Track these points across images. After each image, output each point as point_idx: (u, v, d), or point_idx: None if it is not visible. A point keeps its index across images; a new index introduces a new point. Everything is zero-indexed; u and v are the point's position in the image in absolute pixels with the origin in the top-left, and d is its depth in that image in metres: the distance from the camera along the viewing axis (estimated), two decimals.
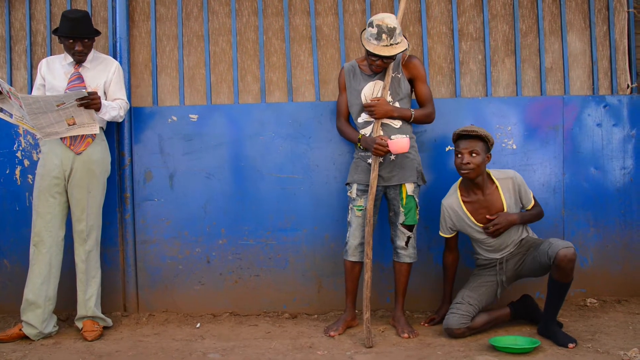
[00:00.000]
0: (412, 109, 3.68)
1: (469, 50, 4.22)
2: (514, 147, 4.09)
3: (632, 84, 4.21)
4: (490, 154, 3.60)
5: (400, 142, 3.51)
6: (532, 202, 3.64)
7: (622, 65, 4.22)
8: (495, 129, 4.08)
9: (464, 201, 3.61)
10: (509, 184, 3.59)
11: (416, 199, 3.70)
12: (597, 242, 4.15)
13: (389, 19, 3.48)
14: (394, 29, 3.47)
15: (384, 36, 3.46)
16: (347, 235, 3.75)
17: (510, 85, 4.21)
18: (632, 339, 3.43)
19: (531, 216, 3.63)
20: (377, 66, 3.59)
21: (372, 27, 3.48)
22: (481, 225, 3.58)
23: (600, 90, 4.22)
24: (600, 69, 4.23)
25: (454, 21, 4.18)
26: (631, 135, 4.16)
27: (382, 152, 3.54)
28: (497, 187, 3.59)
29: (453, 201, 3.65)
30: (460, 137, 3.58)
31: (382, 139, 3.53)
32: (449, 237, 3.74)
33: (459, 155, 3.53)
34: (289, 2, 4.20)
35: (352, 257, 3.72)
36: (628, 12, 4.22)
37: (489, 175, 3.62)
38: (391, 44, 3.49)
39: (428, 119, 3.75)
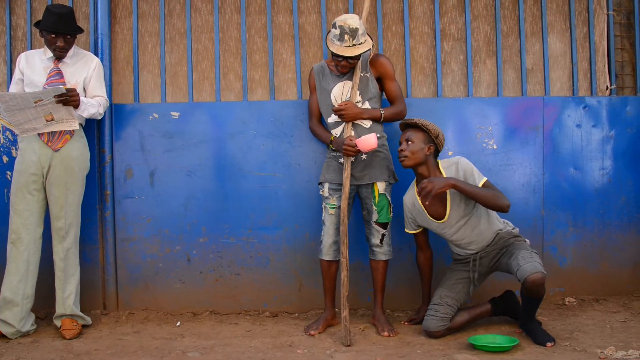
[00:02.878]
0: (381, 109, 3.71)
1: (450, 50, 4.24)
2: (495, 147, 4.11)
3: (611, 85, 4.25)
4: (433, 146, 3.58)
5: (367, 140, 3.53)
6: (483, 182, 3.49)
7: (602, 67, 4.27)
8: (476, 129, 4.10)
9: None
10: (452, 170, 3.55)
11: (388, 197, 3.74)
12: (575, 241, 4.19)
13: (351, 20, 3.51)
14: (356, 29, 3.50)
15: (346, 37, 3.50)
16: (322, 234, 3.77)
17: (491, 85, 4.24)
18: (609, 337, 3.46)
19: (478, 192, 3.39)
20: (342, 67, 3.63)
21: (335, 28, 3.52)
22: (433, 220, 3.59)
23: (580, 92, 4.25)
24: (580, 71, 4.27)
25: (436, 21, 4.19)
26: (610, 136, 4.20)
27: (352, 152, 3.57)
28: (442, 175, 3.56)
29: (411, 195, 3.67)
30: (403, 127, 3.67)
31: (350, 140, 3.56)
32: (415, 234, 3.76)
33: (399, 144, 3.60)
34: (272, 0, 4.20)
35: (327, 256, 3.74)
36: (607, 15, 4.26)
37: (438, 166, 3.60)
38: (354, 45, 3.52)
39: (398, 117, 3.76)
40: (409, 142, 3.55)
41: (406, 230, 3.80)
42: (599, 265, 4.21)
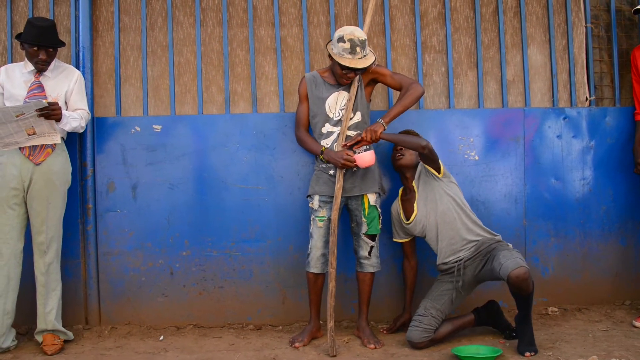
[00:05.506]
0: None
1: (432, 62, 4.27)
2: (476, 158, 4.14)
3: (590, 96, 4.30)
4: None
5: (366, 156, 3.57)
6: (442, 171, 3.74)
7: (581, 78, 4.31)
8: (458, 141, 4.13)
9: (402, 199, 3.82)
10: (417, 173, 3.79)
11: (378, 209, 3.74)
12: (557, 251, 4.22)
13: (358, 32, 3.54)
14: (365, 40, 3.54)
15: (357, 49, 3.51)
16: (309, 246, 3.74)
17: (472, 97, 4.27)
18: (592, 346, 3.49)
19: (401, 137, 3.70)
20: (348, 78, 3.64)
21: (344, 42, 3.51)
22: (406, 221, 3.77)
23: (560, 103, 4.30)
24: (559, 82, 4.31)
25: (417, 34, 4.23)
26: (590, 147, 4.24)
27: (350, 167, 3.58)
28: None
29: (395, 202, 3.87)
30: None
31: (348, 155, 3.56)
32: (403, 243, 3.86)
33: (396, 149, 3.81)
34: (253, 13, 4.21)
35: (315, 268, 3.71)
36: (586, 27, 4.32)
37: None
38: (364, 56, 3.56)
39: (417, 96, 3.68)
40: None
41: (394, 239, 3.87)
42: (581, 275, 4.24)
